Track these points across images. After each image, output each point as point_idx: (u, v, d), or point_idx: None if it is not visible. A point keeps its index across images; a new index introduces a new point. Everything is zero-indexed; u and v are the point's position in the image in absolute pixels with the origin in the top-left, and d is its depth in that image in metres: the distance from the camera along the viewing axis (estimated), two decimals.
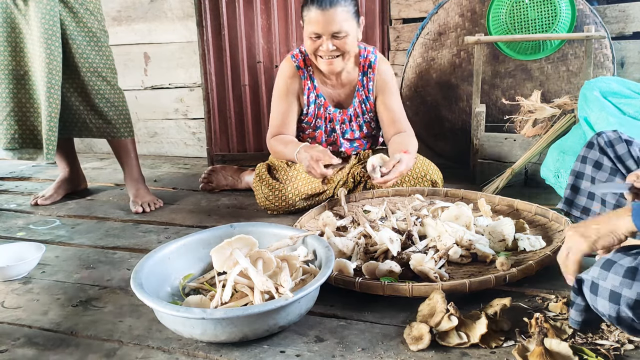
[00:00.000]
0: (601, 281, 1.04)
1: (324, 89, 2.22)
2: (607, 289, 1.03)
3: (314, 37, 1.98)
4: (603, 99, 1.87)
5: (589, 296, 1.07)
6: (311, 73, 2.19)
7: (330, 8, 1.92)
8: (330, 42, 1.97)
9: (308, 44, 2.02)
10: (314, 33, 1.97)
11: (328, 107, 2.23)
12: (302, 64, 2.18)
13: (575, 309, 1.12)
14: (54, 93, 2.19)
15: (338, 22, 1.94)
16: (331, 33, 1.96)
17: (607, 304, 1.03)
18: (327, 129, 2.27)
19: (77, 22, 2.23)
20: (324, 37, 1.97)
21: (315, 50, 2.02)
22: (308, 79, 2.19)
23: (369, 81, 2.20)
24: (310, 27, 1.97)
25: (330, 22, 1.94)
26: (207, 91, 3.10)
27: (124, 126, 2.40)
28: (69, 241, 2.03)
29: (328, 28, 1.95)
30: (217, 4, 3.00)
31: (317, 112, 2.23)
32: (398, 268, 1.50)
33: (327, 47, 1.98)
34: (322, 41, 1.98)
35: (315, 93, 2.20)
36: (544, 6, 2.51)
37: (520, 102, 2.40)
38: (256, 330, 1.22)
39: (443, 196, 2.13)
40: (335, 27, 1.95)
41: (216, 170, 2.66)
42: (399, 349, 1.22)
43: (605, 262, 1.06)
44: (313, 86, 2.19)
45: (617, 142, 1.38)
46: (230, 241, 1.38)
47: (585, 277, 1.08)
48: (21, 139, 2.32)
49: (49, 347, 1.30)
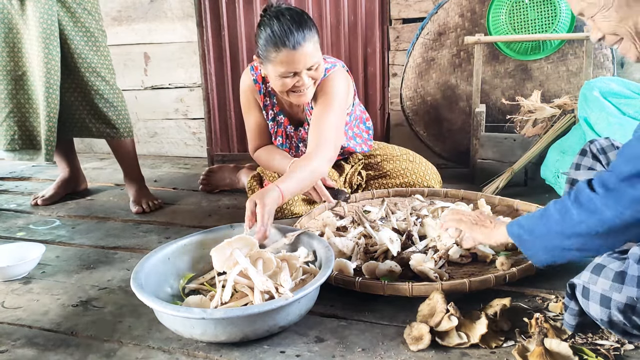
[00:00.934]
0: (592, 285, 1.05)
1: (283, 107, 2.16)
2: (597, 293, 1.04)
3: (289, 75, 1.86)
4: (603, 99, 1.87)
5: (581, 300, 1.08)
6: (270, 90, 2.11)
7: (303, 45, 1.80)
8: (306, 75, 1.87)
9: (279, 84, 1.89)
10: (289, 72, 1.84)
11: (287, 126, 2.18)
12: (259, 79, 2.10)
13: (569, 312, 1.13)
14: (53, 93, 2.19)
15: (311, 56, 1.84)
16: (307, 67, 1.85)
17: (599, 308, 1.04)
18: (292, 145, 2.23)
19: (74, 22, 2.23)
20: (299, 73, 1.86)
21: (291, 87, 1.89)
22: (267, 95, 2.13)
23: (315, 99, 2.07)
24: (283, 68, 1.83)
25: (306, 58, 1.83)
26: (207, 91, 3.11)
27: (123, 126, 2.39)
28: (69, 241, 2.03)
29: (304, 64, 1.84)
30: (217, 4, 3.00)
31: (278, 130, 2.18)
32: (398, 268, 1.50)
33: (304, 81, 1.87)
34: (298, 77, 1.86)
35: (274, 111, 2.15)
36: (543, 6, 2.51)
37: (520, 102, 2.40)
38: (256, 330, 1.22)
39: (443, 196, 2.13)
40: (310, 61, 1.84)
41: (214, 171, 2.66)
42: (399, 349, 1.22)
43: (596, 267, 1.07)
44: (272, 103, 2.14)
45: (609, 149, 1.40)
46: (230, 241, 1.38)
47: (577, 281, 1.09)
48: (21, 140, 2.32)
49: (49, 347, 1.30)
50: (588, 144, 1.43)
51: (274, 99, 2.14)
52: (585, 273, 1.08)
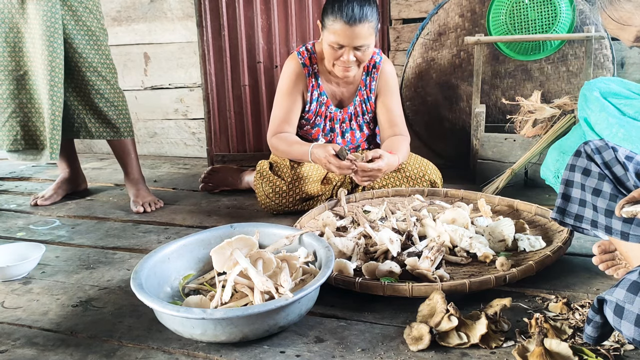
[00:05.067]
0: (627, 304, 1.03)
1: (327, 86, 2.22)
2: (633, 313, 1.01)
3: (336, 46, 1.98)
4: (603, 99, 1.87)
5: (612, 317, 1.05)
6: (316, 71, 2.20)
7: (358, 24, 1.92)
8: (352, 53, 1.99)
9: (328, 51, 2.02)
10: (337, 44, 1.97)
11: (330, 106, 2.24)
12: (307, 62, 2.18)
13: (593, 326, 1.11)
14: (57, 91, 2.19)
15: (363, 37, 1.95)
16: (355, 46, 1.97)
17: (633, 328, 1.02)
18: (326, 127, 2.27)
19: (76, 21, 2.23)
20: (346, 48, 1.98)
21: (335, 58, 2.02)
22: (313, 76, 2.19)
23: (372, 81, 2.22)
24: (333, 37, 1.96)
25: (356, 37, 1.94)
26: (207, 91, 3.11)
27: (124, 126, 2.39)
28: (69, 241, 2.03)
29: (353, 42, 1.96)
30: (217, 4, 3.00)
31: (319, 110, 2.23)
32: (398, 268, 1.50)
33: (348, 58, 1.99)
34: (343, 52, 1.99)
35: (318, 91, 2.21)
36: (544, 6, 2.51)
37: (520, 102, 2.40)
38: (256, 331, 1.22)
39: (443, 196, 2.13)
40: (359, 42, 1.96)
41: (216, 170, 2.66)
42: (399, 349, 1.22)
43: (632, 285, 1.03)
44: (317, 84, 2.20)
45: (603, 149, 1.39)
46: (231, 241, 1.38)
47: (609, 298, 1.06)
48: (24, 140, 2.32)
49: (49, 347, 1.30)
50: (582, 145, 1.43)
51: (319, 79, 2.20)
52: (619, 290, 1.05)
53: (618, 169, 1.37)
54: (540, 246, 1.65)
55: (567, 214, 1.48)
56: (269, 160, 2.31)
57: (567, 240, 1.60)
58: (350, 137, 2.31)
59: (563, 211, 1.48)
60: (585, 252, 1.69)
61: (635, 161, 1.37)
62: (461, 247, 1.65)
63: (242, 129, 3.18)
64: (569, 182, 1.46)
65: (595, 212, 1.40)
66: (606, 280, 1.50)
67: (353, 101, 2.25)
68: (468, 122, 2.73)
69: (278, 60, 3.05)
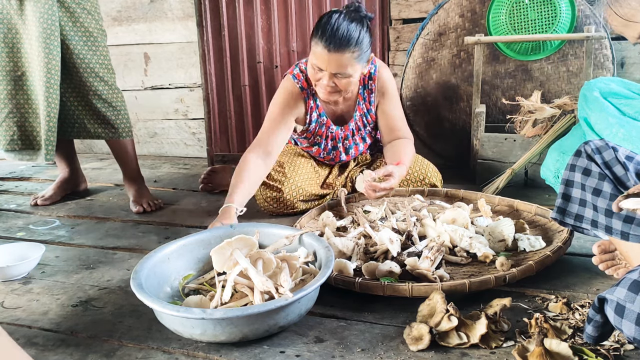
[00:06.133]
0: (628, 304, 1.03)
1: (326, 106, 2.18)
2: (635, 312, 1.01)
3: (316, 68, 1.92)
4: (603, 99, 1.87)
5: (612, 316, 1.05)
6: (314, 92, 2.13)
7: (337, 52, 1.84)
8: (330, 79, 1.91)
9: (309, 70, 1.97)
10: (317, 66, 1.91)
11: (330, 126, 2.19)
12: (305, 85, 2.11)
13: (593, 325, 1.11)
14: (53, 93, 2.19)
15: (342, 66, 1.87)
16: (332, 73, 1.90)
17: (634, 327, 1.01)
18: (327, 147, 2.25)
19: (73, 22, 2.23)
20: (325, 72, 1.91)
21: (315, 80, 1.96)
22: (311, 98, 2.13)
23: (370, 93, 2.16)
24: (314, 58, 1.90)
25: (333, 64, 1.87)
26: (207, 91, 3.11)
27: (122, 127, 2.38)
28: (69, 241, 2.03)
29: (330, 68, 1.88)
30: (217, 4, 3.00)
31: (319, 130, 2.19)
32: (398, 268, 1.50)
33: (327, 82, 1.92)
34: (322, 75, 1.92)
35: (317, 112, 2.16)
36: (544, 6, 2.51)
37: (520, 102, 2.40)
38: (256, 331, 1.22)
39: (443, 196, 2.13)
40: (337, 70, 1.88)
41: (216, 170, 2.66)
42: (399, 349, 1.22)
43: (633, 284, 1.03)
44: (316, 105, 2.15)
45: (604, 149, 1.39)
46: (230, 241, 1.38)
47: (610, 297, 1.06)
48: (20, 140, 2.32)
49: (49, 347, 1.30)
50: (583, 145, 1.43)
51: (317, 100, 2.14)
52: (620, 289, 1.05)
53: (618, 169, 1.37)
54: (540, 246, 1.65)
55: (567, 213, 1.48)
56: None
57: (567, 240, 1.60)
58: (354, 152, 2.29)
59: (563, 211, 1.48)
60: (585, 252, 1.69)
61: (636, 161, 1.37)
62: (461, 247, 1.65)
63: (242, 129, 3.18)
64: (569, 182, 1.46)
65: (595, 212, 1.40)
66: (606, 280, 1.50)
67: (353, 116, 2.20)
68: (468, 122, 2.73)
69: (278, 61, 3.05)
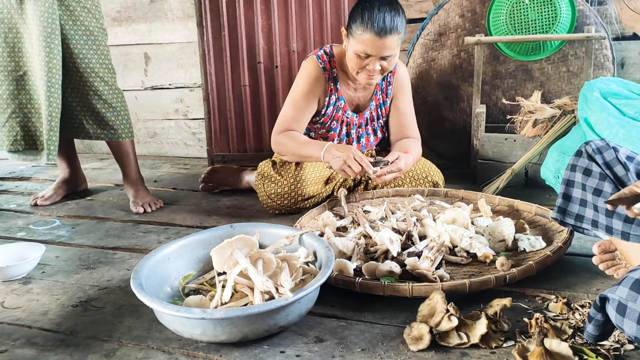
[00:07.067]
0: (630, 303, 1.02)
1: (345, 91, 2.22)
2: (636, 311, 1.01)
3: (362, 55, 1.97)
4: (603, 99, 1.86)
5: (614, 315, 1.05)
6: (335, 75, 2.18)
7: (388, 35, 1.91)
8: (378, 63, 1.98)
9: (353, 59, 2.01)
10: (364, 53, 1.96)
11: (347, 111, 2.23)
12: (327, 66, 2.16)
13: (594, 324, 1.11)
14: (54, 92, 2.18)
15: (391, 48, 1.95)
16: (381, 56, 1.97)
17: (635, 326, 1.01)
18: (342, 132, 2.27)
19: (74, 21, 2.22)
20: (372, 57, 1.97)
21: (360, 67, 2.01)
22: (332, 81, 2.18)
23: (388, 85, 2.23)
24: (361, 47, 1.95)
25: (385, 48, 1.94)
26: (207, 91, 3.11)
27: (122, 127, 2.38)
28: (69, 241, 2.03)
29: (381, 52, 1.95)
30: (217, 4, 3.00)
31: (335, 114, 2.22)
32: (398, 268, 1.50)
33: (374, 67, 1.98)
34: (369, 61, 1.98)
35: (336, 95, 2.20)
36: (544, 7, 2.51)
37: (521, 102, 2.40)
38: (256, 331, 1.22)
39: (443, 196, 2.13)
40: (387, 52, 1.96)
41: (216, 170, 2.66)
42: (399, 349, 1.22)
43: (635, 283, 1.03)
44: (335, 88, 2.19)
45: (604, 149, 1.40)
46: (231, 241, 1.38)
47: (612, 296, 1.06)
48: (24, 141, 2.31)
49: (48, 347, 1.30)
50: (584, 145, 1.43)
51: (337, 84, 2.19)
52: (622, 288, 1.04)
53: (619, 169, 1.37)
54: (540, 246, 1.65)
55: (567, 213, 1.48)
56: (272, 159, 2.30)
57: (567, 240, 1.60)
58: (365, 142, 2.31)
59: (564, 211, 1.48)
60: (586, 252, 1.69)
61: (636, 161, 1.37)
62: (461, 247, 1.65)
63: (242, 129, 3.18)
64: (570, 182, 1.46)
65: (596, 212, 1.40)
66: (606, 280, 1.50)
67: (369, 105, 2.25)
68: (468, 122, 2.73)
69: (278, 61, 3.05)
